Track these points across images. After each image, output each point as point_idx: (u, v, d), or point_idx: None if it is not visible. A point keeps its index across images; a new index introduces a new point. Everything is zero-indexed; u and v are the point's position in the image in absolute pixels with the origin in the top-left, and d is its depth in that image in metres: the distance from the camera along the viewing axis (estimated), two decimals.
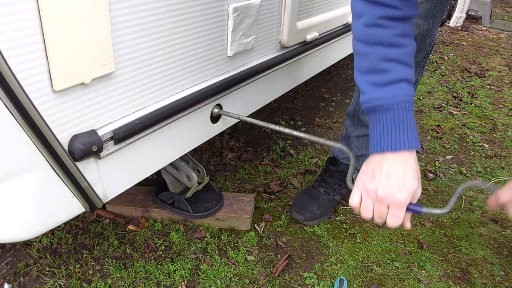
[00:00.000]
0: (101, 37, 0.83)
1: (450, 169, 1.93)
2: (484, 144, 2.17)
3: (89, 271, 1.30)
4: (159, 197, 1.49)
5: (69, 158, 0.84)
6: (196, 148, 1.96)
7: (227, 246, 1.42)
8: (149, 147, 1.06)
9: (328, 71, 3.12)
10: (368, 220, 1.05)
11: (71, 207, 0.91)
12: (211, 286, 1.27)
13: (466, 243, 1.48)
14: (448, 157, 2.04)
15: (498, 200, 0.94)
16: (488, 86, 3.01)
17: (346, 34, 2.04)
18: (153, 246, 1.40)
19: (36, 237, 1.42)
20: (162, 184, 1.53)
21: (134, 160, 1.02)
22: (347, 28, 2.01)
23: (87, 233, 1.45)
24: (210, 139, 1.36)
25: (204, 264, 1.34)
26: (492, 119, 2.48)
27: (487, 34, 4.54)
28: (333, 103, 2.62)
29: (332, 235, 1.49)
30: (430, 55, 1.67)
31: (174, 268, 1.32)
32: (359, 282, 1.31)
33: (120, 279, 1.28)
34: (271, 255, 1.40)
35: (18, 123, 0.74)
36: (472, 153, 2.09)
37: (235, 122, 1.41)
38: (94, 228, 1.47)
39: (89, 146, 0.86)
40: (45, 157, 0.81)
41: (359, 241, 1.47)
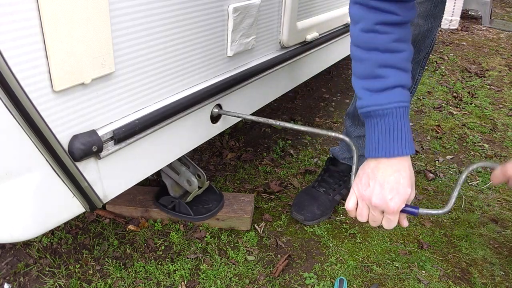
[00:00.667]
0: (101, 37, 0.83)
1: (450, 169, 1.93)
2: (484, 144, 2.17)
3: (89, 271, 1.30)
4: (160, 202, 1.49)
5: (69, 158, 0.84)
6: (196, 148, 1.96)
7: (227, 246, 1.42)
8: (149, 147, 1.06)
9: (328, 71, 3.11)
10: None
11: (71, 207, 0.91)
12: (211, 286, 1.27)
13: (466, 243, 1.48)
14: (448, 157, 2.04)
15: (507, 172, 0.92)
16: (488, 86, 3.01)
17: (346, 34, 2.04)
18: (153, 246, 1.40)
19: (36, 237, 1.42)
20: (162, 188, 1.53)
21: (134, 160, 1.02)
22: (347, 28, 2.01)
23: (87, 233, 1.45)
24: (210, 139, 1.36)
25: (204, 264, 1.34)
26: (492, 119, 2.48)
27: (487, 34, 4.54)
28: (333, 103, 2.62)
29: (332, 235, 1.49)
30: (430, 55, 1.67)
31: (174, 268, 1.32)
32: (359, 282, 1.31)
33: (120, 279, 1.28)
34: (271, 255, 1.40)
35: (18, 123, 0.74)
36: (472, 153, 2.09)
37: (235, 122, 1.41)
38: (94, 228, 1.47)
39: (89, 146, 0.86)
40: (45, 157, 0.81)
41: (359, 241, 1.47)
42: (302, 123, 2.32)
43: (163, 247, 1.40)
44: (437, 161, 1.99)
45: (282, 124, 1.23)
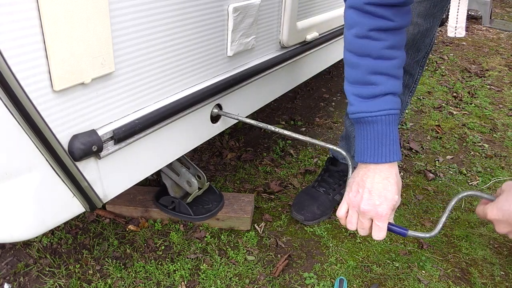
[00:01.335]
0: (101, 37, 0.83)
1: (450, 169, 1.93)
2: (484, 144, 2.17)
3: (89, 271, 1.30)
4: (160, 202, 1.49)
5: (69, 158, 0.84)
6: (196, 148, 1.96)
7: (227, 246, 1.42)
8: (149, 147, 1.06)
9: (328, 71, 3.12)
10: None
11: (71, 207, 0.91)
12: (211, 286, 1.27)
13: (466, 243, 1.48)
14: (448, 157, 2.04)
15: (486, 216, 0.94)
16: (488, 86, 3.01)
17: None
18: (153, 246, 1.40)
19: (36, 237, 1.42)
20: (162, 188, 1.53)
21: (134, 160, 1.02)
22: None
23: (87, 233, 1.45)
24: (210, 139, 1.36)
25: (204, 264, 1.34)
26: (492, 119, 2.48)
27: (487, 34, 4.54)
28: (333, 103, 2.62)
29: (332, 235, 1.49)
30: (430, 54, 1.66)
31: (174, 268, 1.32)
32: (359, 282, 1.31)
33: (120, 279, 1.28)
34: (271, 255, 1.40)
35: (18, 123, 0.74)
36: (472, 153, 2.09)
37: (235, 122, 1.41)
38: (94, 228, 1.47)
39: (89, 146, 0.86)
40: (45, 157, 0.81)
41: (359, 241, 1.47)
42: (302, 123, 2.32)
43: (163, 247, 1.40)
44: (437, 161, 1.99)
45: (281, 131, 1.23)
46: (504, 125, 2.41)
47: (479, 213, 0.98)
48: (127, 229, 1.47)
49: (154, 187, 1.61)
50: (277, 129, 1.23)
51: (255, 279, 1.30)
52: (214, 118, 1.28)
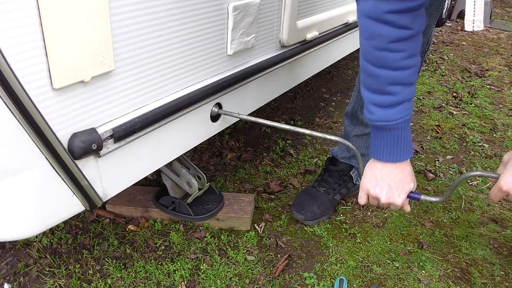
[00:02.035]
0: (101, 35, 0.83)
1: (450, 169, 1.93)
2: (484, 144, 2.17)
3: (89, 271, 1.30)
4: (160, 202, 1.49)
5: (68, 156, 0.84)
6: (196, 148, 1.96)
7: (227, 246, 1.41)
8: (149, 146, 1.06)
9: (328, 71, 3.12)
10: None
11: (70, 205, 0.91)
12: (211, 286, 1.27)
13: (466, 243, 1.48)
14: (448, 157, 2.04)
15: (502, 188, 0.95)
16: (488, 86, 3.01)
17: (346, 33, 2.04)
18: (153, 246, 1.40)
19: (36, 237, 1.41)
20: (162, 188, 1.53)
21: (134, 158, 1.02)
22: (347, 28, 2.01)
23: (87, 233, 1.45)
24: (210, 138, 1.36)
25: (204, 264, 1.34)
26: (492, 119, 2.48)
27: (487, 34, 4.54)
28: (333, 103, 2.62)
29: (332, 235, 1.49)
30: (431, 55, 1.66)
31: (174, 268, 1.31)
32: (359, 282, 1.31)
33: (120, 279, 1.28)
34: (271, 255, 1.39)
35: (18, 121, 0.74)
36: (472, 153, 2.09)
37: (235, 121, 1.40)
38: (94, 228, 1.46)
39: (89, 144, 0.86)
40: (44, 155, 0.81)
41: (359, 241, 1.46)
42: (302, 123, 2.32)
43: (163, 247, 1.40)
44: (437, 161, 1.99)
45: (282, 126, 1.23)
46: (504, 125, 2.41)
47: (493, 193, 1.02)
48: (127, 229, 1.46)
49: (154, 187, 1.61)
50: (276, 124, 1.23)
51: (255, 279, 1.30)
52: (214, 117, 1.28)
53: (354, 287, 1.29)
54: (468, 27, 1.14)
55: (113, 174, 0.97)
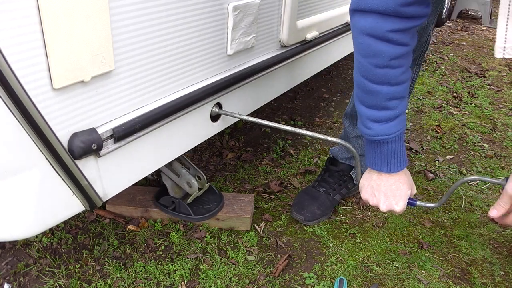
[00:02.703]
0: (101, 35, 0.83)
1: (450, 169, 1.93)
2: (484, 144, 2.17)
3: (89, 271, 1.30)
4: (160, 202, 1.49)
5: (68, 156, 0.84)
6: (196, 148, 1.96)
7: (227, 246, 1.41)
8: (149, 146, 1.06)
9: (328, 71, 3.11)
10: None
11: (70, 205, 0.91)
12: (211, 286, 1.27)
13: (466, 243, 1.48)
14: (448, 157, 2.04)
15: (508, 193, 0.96)
16: (488, 86, 3.01)
17: (346, 34, 2.03)
18: (153, 246, 1.40)
19: (36, 237, 1.41)
20: (162, 188, 1.52)
21: (134, 158, 1.02)
22: (347, 28, 2.01)
23: (87, 233, 1.45)
24: (210, 138, 1.36)
25: (204, 264, 1.34)
26: (492, 119, 2.48)
27: (487, 34, 4.54)
28: (333, 103, 2.62)
29: (332, 235, 1.49)
30: (431, 55, 1.66)
31: (174, 268, 1.31)
32: (359, 282, 1.31)
33: (120, 279, 1.28)
34: (271, 255, 1.39)
35: (18, 121, 0.74)
36: (472, 153, 2.09)
37: (235, 121, 1.40)
38: (94, 228, 1.46)
39: (89, 144, 0.86)
40: (44, 155, 0.81)
41: (359, 241, 1.46)
42: (302, 123, 2.32)
43: (163, 247, 1.40)
44: (437, 161, 1.99)
45: (283, 127, 1.23)
46: (504, 125, 2.41)
47: (497, 210, 1.04)
48: (127, 229, 1.46)
49: (154, 187, 1.61)
50: (276, 125, 1.23)
51: (255, 279, 1.30)
52: (214, 117, 1.28)
53: (354, 287, 1.29)
54: (498, 54, 1.10)
55: (113, 174, 0.97)
